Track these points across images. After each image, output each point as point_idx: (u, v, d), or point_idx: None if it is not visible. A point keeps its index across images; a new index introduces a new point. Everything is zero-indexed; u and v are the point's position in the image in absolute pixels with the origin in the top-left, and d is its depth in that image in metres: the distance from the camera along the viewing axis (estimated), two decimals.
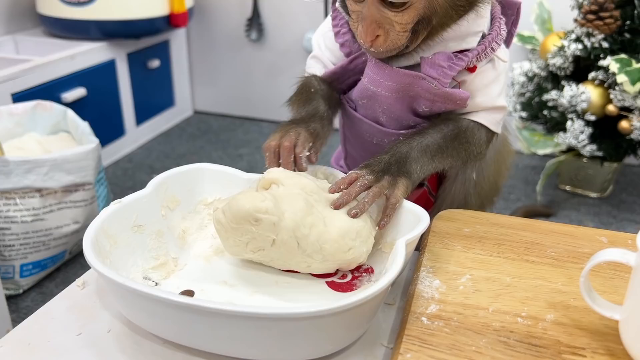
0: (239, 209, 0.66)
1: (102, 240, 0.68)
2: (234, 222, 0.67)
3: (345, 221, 0.69)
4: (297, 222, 0.66)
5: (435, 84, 0.79)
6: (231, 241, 0.70)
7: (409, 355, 0.55)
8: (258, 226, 0.66)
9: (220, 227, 0.70)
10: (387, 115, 0.86)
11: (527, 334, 0.58)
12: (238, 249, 0.71)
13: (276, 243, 0.67)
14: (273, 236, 0.67)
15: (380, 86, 0.83)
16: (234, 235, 0.69)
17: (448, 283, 0.66)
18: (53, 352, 0.62)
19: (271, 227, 0.66)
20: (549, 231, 0.77)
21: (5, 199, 1.44)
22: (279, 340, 0.56)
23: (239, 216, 0.66)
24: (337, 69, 0.89)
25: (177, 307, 0.55)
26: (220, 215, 0.70)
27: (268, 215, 0.66)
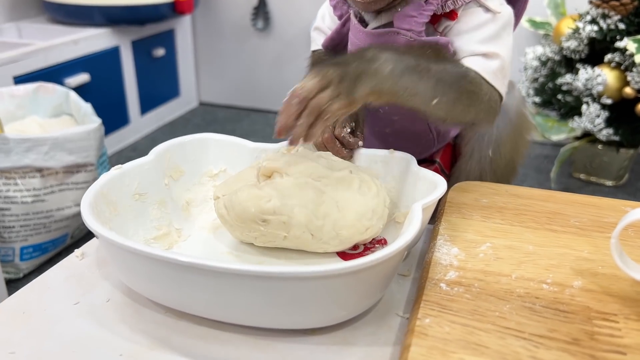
0: (243, 210, 0.63)
1: (102, 205, 0.64)
2: (239, 221, 0.64)
3: (360, 203, 0.64)
4: (309, 215, 0.62)
5: (410, 36, 0.75)
6: (237, 233, 0.67)
7: (428, 321, 0.51)
8: (267, 226, 0.63)
9: (224, 221, 0.67)
10: None
11: (554, 300, 0.54)
12: (246, 239, 0.68)
13: (288, 238, 0.64)
14: (284, 234, 0.63)
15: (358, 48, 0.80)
16: (240, 230, 0.66)
17: (467, 251, 0.63)
18: (48, 321, 0.59)
19: (281, 225, 0.62)
20: (571, 202, 0.74)
21: (5, 178, 1.40)
22: (288, 305, 0.52)
23: (244, 217, 0.63)
24: (334, 34, 0.86)
25: (182, 268, 0.51)
26: (222, 210, 0.66)
27: (276, 215, 0.62)
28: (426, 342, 0.49)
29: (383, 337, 0.57)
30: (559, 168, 2.00)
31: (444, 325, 0.51)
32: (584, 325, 0.51)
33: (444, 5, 0.74)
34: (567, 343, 0.49)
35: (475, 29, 0.76)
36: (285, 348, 0.55)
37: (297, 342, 0.56)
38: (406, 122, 0.87)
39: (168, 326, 0.58)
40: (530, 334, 0.50)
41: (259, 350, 0.55)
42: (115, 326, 0.58)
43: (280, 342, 0.56)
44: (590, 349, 0.48)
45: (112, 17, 2.27)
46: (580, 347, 0.48)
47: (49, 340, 0.56)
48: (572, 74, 1.86)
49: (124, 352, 0.54)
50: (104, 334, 0.57)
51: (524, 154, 1.01)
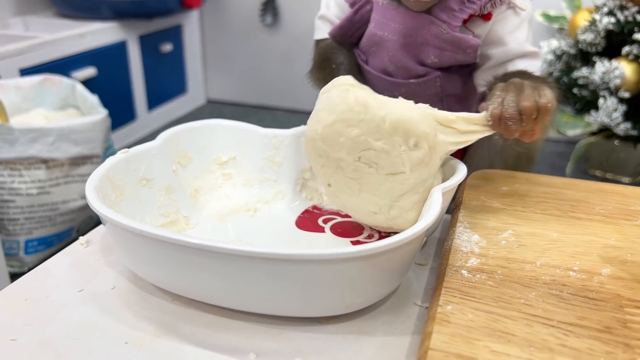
0: (414, 123, 0.57)
1: (107, 189, 0.62)
2: (392, 125, 0.57)
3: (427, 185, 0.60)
4: (425, 179, 0.59)
5: (444, 28, 0.75)
6: (354, 132, 0.57)
7: (450, 307, 0.48)
8: (411, 152, 0.57)
9: (360, 110, 0.57)
10: (394, 64, 0.82)
11: (582, 287, 0.52)
12: (348, 143, 0.58)
13: (396, 176, 0.58)
14: (407, 170, 0.57)
15: (387, 29, 0.79)
16: (369, 132, 0.57)
17: (488, 238, 0.60)
18: (51, 308, 0.56)
19: (418, 162, 0.58)
20: (595, 190, 0.71)
21: (10, 169, 1.38)
22: (302, 291, 0.50)
23: (406, 128, 0.56)
24: (344, 23, 0.85)
25: (191, 251, 0.49)
26: (373, 101, 0.58)
27: (429, 152, 0.58)
28: (448, 330, 0.46)
29: (401, 326, 0.54)
30: (574, 164, 1.96)
31: (467, 312, 0.48)
32: (615, 313, 0.48)
33: (483, 7, 0.75)
34: (598, 331, 0.46)
35: (513, 31, 0.78)
36: (298, 337, 0.53)
37: (310, 330, 0.53)
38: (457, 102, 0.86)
39: (175, 314, 0.56)
40: (558, 322, 0.47)
41: (271, 339, 0.53)
42: (120, 314, 0.56)
43: (293, 330, 0.53)
44: (624, 337, 0.45)
45: (119, 11, 2.25)
46: (612, 335, 0.46)
47: (51, 327, 0.53)
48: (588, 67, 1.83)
49: (130, 339, 0.52)
50: (109, 321, 0.55)
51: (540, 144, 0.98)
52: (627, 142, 1.89)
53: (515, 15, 0.78)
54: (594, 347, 0.44)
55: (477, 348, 0.44)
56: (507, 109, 0.61)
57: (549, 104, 0.62)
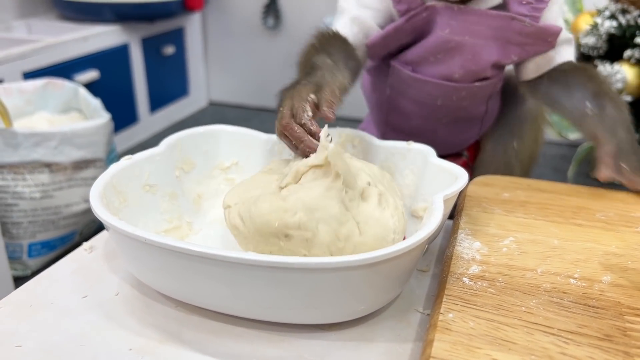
0: (265, 224, 0.55)
1: (111, 195, 0.62)
2: (258, 235, 0.57)
3: (380, 223, 0.57)
4: (332, 235, 0.56)
5: (527, 22, 0.75)
6: (251, 247, 0.59)
7: (451, 315, 0.49)
8: (288, 242, 0.56)
9: (237, 233, 0.60)
10: (466, 68, 0.80)
11: (583, 295, 0.52)
12: (261, 252, 0.59)
13: (308, 256, 0.57)
14: (305, 252, 0.56)
15: (467, 33, 0.77)
16: (255, 243, 0.58)
17: (490, 245, 0.60)
18: (56, 314, 0.57)
19: (303, 243, 0.56)
20: (596, 196, 0.72)
21: (14, 173, 1.39)
22: (305, 298, 0.50)
23: (264, 231, 0.56)
24: (390, 31, 0.79)
25: (194, 259, 0.49)
26: (237, 221, 0.59)
27: (300, 231, 0.55)
28: (450, 338, 0.46)
29: (403, 333, 0.54)
30: (576, 168, 1.96)
31: (468, 320, 0.48)
32: (615, 321, 0.48)
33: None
34: (598, 339, 0.46)
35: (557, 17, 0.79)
36: (300, 344, 0.53)
37: (313, 337, 0.54)
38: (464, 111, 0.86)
39: (179, 320, 0.56)
40: (559, 330, 0.47)
41: (274, 345, 0.53)
42: (124, 320, 0.56)
43: (296, 337, 0.54)
44: (624, 346, 0.46)
45: (121, 13, 2.26)
46: (612, 343, 0.46)
47: (56, 333, 0.54)
48: None
49: (134, 346, 0.52)
50: (113, 327, 0.55)
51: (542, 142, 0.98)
52: None
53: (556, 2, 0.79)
54: (594, 355, 0.45)
55: (478, 356, 0.44)
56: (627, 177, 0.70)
57: None
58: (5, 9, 2.26)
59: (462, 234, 0.62)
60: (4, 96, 1.57)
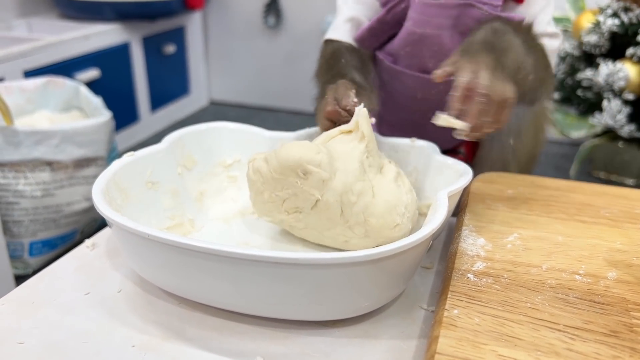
0: (289, 156, 0.58)
1: (114, 192, 0.62)
2: (278, 171, 0.59)
3: (394, 193, 0.60)
4: (347, 186, 0.58)
5: (485, 10, 0.74)
6: (266, 195, 0.62)
7: (456, 312, 0.48)
8: (305, 180, 0.58)
9: (257, 178, 0.62)
10: (436, 59, 0.79)
11: (588, 291, 0.52)
12: (271, 206, 0.63)
13: (318, 205, 0.59)
14: (318, 195, 0.58)
15: (428, 26, 0.77)
16: (272, 188, 0.61)
17: (494, 241, 0.60)
18: (58, 311, 0.57)
19: (319, 183, 0.58)
20: (600, 193, 0.71)
21: (15, 171, 1.38)
22: (309, 294, 0.50)
23: (287, 165, 0.58)
24: (374, 24, 0.81)
25: (198, 255, 0.49)
26: (261, 163, 0.61)
27: (319, 169, 0.57)
28: (455, 334, 0.46)
29: (407, 330, 0.54)
30: (578, 166, 1.96)
31: (474, 316, 0.48)
32: (621, 317, 0.48)
33: None
34: (604, 335, 0.46)
35: (541, 11, 0.77)
36: (304, 341, 0.53)
37: (317, 334, 0.54)
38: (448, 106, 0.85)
39: (182, 317, 0.56)
40: (565, 326, 0.47)
41: (277, 342, 0.53)
42: (127, 317, 0.56)
43: (300, 334, 0.54)
44: (630, 342, 0.45)
45: (122, 12, 2.25)
46: (619, 339, 0.46)
47: (58, 330, 0.54)
48: (592, 69, 1.82)
49: (136, 343, 0.52)
50: (116, 324, 0.55)
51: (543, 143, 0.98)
52: (632, 144, 1.88)
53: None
54: (600, 351, 0.44)
55: (484, 352, 0.44)
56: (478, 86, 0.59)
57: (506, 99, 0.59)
58: (6, 7, 2.26)
59: (466, 230, 0.62)
60: (5, 94, 1.57)
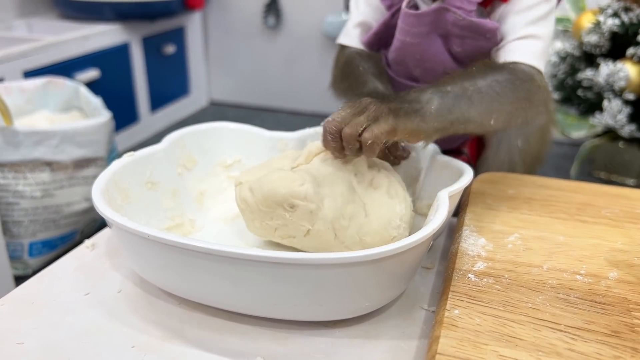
0: (273, 191, 0.57)
1: (113, 192, 0.62)
2: (264, 205, 0.58)
3: (387, 207, 0.59)
4: (337, 211, 0.57)
5: (459, 14, 0.72)
6: (257, 223, 0.61)
7: (457, 312, 0.48)
8: (293, 213, 0.57)
9: (245, 207, 0.61)
10: (421, 67, 0.80)
11: (589, 291, 0.52)
12: (264, 232, 0.62)
13: (310, 233, 0.59)
14: (308, 226, 0.58)
15: (408, 35, 0.77)
16: (261, 218, 0.60)
17: (495, 241, 0.60)
18: (58, 311, 0.56)
19: (307, 215, 0.57)
20: (601, 193, 0.71)
21: (15, 172, 1.38)
22: (309, 294, 0.50)
23: (272, 200, 0.57)
24: (380, 28, 0.81)
25: (198, 255, 0.49)
26: (246, 193, 0.61)
27: (306, 202, 0.56)
28: (456, 334, 0.46)
29: (408, 330, 0.54)
30: (578, 166, 1.95)
31: (474, 316, 0.48)
32: (623, 317, 0.48)
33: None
34: (606, 335, 0.46)
35: (527, 9, 0.73)
36: (305, 341, 0.53)
37: (317, 334, 0.53)
38: None
39: (182, 318, 0.56)
40: (566, 326, 0.47)
41: (278, 343, 0.52)
42: (127, 317, 0.56)
43: (300, 334, 0.53)
44: (632, 342, 0.45)
45: (122, 12, 2.25)
46: (620, 339, 0.45)
47: (58, 331, 0.53)
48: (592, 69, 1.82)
49: (136, 343, 0.52)
50: (116, 325, 0.55)
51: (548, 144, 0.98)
52: (632, 144, 1.88)
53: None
54: (601, 351, 0.44)
55: (485, 352, 0.44)
56: (331, 124, 0.56)
57: (368, 141, 0.55)
58: (5, 8, 2.26)
59: (467, 230, 0.62)
60: (4, 95, 1.57)
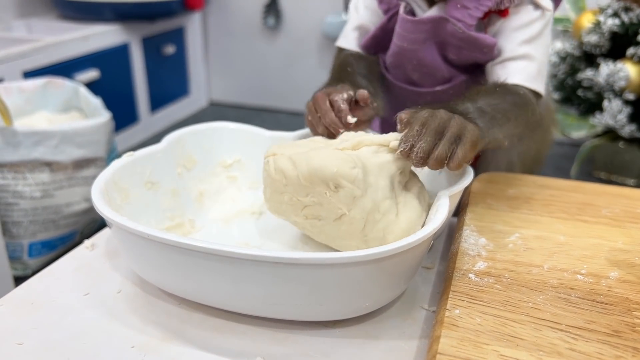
0: (322, 167, 0.55)
1: (113, 192, 0.62)
2: (307, 179, 0.56)
3: (416, 211, 0.58)
4: (376, 204, 0.56)
5: (459, 27, 0.73)
6: (286, 197, 0.59)
7: (458, 312, 0.48)
8: (335, 193, 0.55)
9: (280, 178, 0.59)
10: (418, 72, 0.80)
11: (590, 291, 0.52)
12: (289, 208, 0.60)
13: (342, 219, 0.56)
14: (345, 210, 0.56)
15: (405, 40, 0.77)
16: (295, 193, 0.58)
17: (495, 241, 0.60)
18: (57, 311, 0.56)
19: (349, 199, 0.55)
20: (601, 192, 0.71)
21: (14, 172, 1.38)
22: (309, 294, 0.49)
23: (318, 175, 0.55)
24: (377, 32, 0.82)
25: (198, 255, 0.48)
26: (286, 164, 0.58)
27: (353, 186, 0.55)
28: (457, 334, 0.46)
29: (408, 330, 0.54)
30: (579, 166, 1.95)
31: (475, 316, 0.48)
32: (624, 317, 0.48)
33: (500, 3, 0.73)
34: (607, 335, 0.46)
35: (524, 27, 0.74)
36: (305, 341, 0.53)
37: (318, 334, 0.53)
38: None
39: (182, 318, 0.56)
40: (567, 326, 0.47)
41: (278, 343, 0.52)
42: (126, 318, 0.56)
43: (300, 334, 0.53)
44: (633, 341, 0.45)
45: (122, 13, 2.25)
46: (621, 339, 0.45)
47: (58, 331, 0.53)
48: (592, 69, 1.82)
49: (136, 344, 0.52)
50: (115, 325, 0.54)
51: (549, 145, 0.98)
52: (632, 144, 1.88)
53: (531, 11, 0.74)
54: (603, 351, 0.44)
55: (486, 352, 0.44)
56: (416, 156, 0.55)
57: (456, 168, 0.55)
58: (5, 8, 2.25)
59: (467, 230, 0.62)
60: (4, 95, 1.57)
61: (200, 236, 0.68)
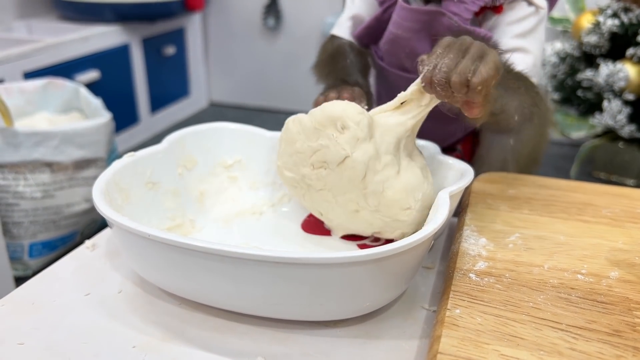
0: (332, 109, 0.60)
1: (114, 192, 0.62)
2: (319, 122, 0.60)
3: (418, 177, 0.61)
4: (378, 153, 0.59)
5: (455, 20, 0.74)
6: (298, 145, 0.62)
7: (458, 311, 0.48)
8: (341, 134, 0.59)
9: (296, 126, 0.63)
10: (412, 60, 0.80)
11: (591, 290, 0.52)
12: (299, 157, 0.63)
13: (345, 162, 0.59)
14: (348, 151, 0.58)
15: (400, 28, 0.78)
16: (307, 138, 0.62)
17: (496, 241, 0.60)
18: (58, 312, 0.56)
19: (353, 140, 0.59)
20: (601, 192, 0.71)
21: (15, 173, 1.38)
22: (310, 294, 0.50)
23: (329, 115, 0.60)
24: (372, 22, 0.83)
25: (198, 254, 0.49)
26: (303, 115, 0.63)
27: (358, 127, 0.59)
28: (457, 333, 0.46)
29: (409, 330, 0.54)
30: (578, 166, 1.95)
31: (476, 315, 0.48)
32: (624, 317, 0.48)
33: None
34: (607, 335, 0.46)
35: (518, 21, 0.76)
36: (305, 341, 0.53)
37: (318, 334, 0.53)
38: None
39: (182, 318, 0.56)
40: (567, 325, 0.47)
41: (278, 342, 0.52)
42: (127, 318, 0.56)
43: (301, 334, 0.53)
44: (634, 341, 0.45)
45: (122, 13, 2.26)
46: (622, 338, 0.45)
47: (59, 331, 0.53)
48: (592, 69, 1.82)
49: (137, 344, 0.52)
50: (116, 325, 0.54)
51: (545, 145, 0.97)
52: (632, 144, 1.88)
53: (524, 7, 0.76)
54: (603, 350, 0.44)
55: (487, 352, 0.44)
56: (438, 75, 0.55)
57: (479, 86, 0.54)
58: (5, 9, 2.26)
59: (467, 230, 0.62)
60: (4, 96, 1.57)
61: (201, 236, 0.68)
